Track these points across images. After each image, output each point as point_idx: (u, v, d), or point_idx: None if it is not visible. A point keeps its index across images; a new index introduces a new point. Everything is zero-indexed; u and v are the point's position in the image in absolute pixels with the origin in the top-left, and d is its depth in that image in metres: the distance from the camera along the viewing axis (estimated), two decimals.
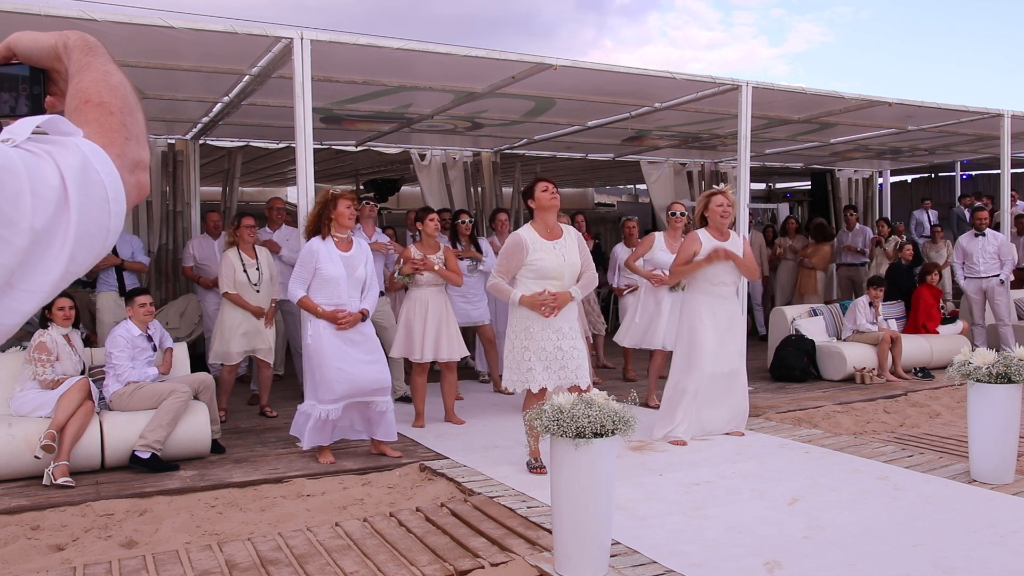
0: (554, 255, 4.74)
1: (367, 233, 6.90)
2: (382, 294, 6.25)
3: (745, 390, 5.72)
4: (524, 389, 4.72)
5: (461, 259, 6.80)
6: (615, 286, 8.35)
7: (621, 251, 8.24)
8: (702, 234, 5.47)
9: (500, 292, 4.79)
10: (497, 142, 10.10)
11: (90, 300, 8.02)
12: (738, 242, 5.57)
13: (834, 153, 11.59)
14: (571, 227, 5.02)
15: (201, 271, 7.51)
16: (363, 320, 5.09)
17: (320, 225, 5.07)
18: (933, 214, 13.44)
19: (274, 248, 7.08)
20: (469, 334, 7.67)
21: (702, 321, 5.44)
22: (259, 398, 6.72)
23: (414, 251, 6.07)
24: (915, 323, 8.66)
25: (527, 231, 4.81)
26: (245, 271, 6.27)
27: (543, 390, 4.63)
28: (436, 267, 5.92)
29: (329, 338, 4.96)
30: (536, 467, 4.73)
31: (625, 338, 7.07)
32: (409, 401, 6.37)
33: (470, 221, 7.37)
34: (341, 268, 5.00)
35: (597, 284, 5.18)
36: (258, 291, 6.30)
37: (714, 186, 6.20)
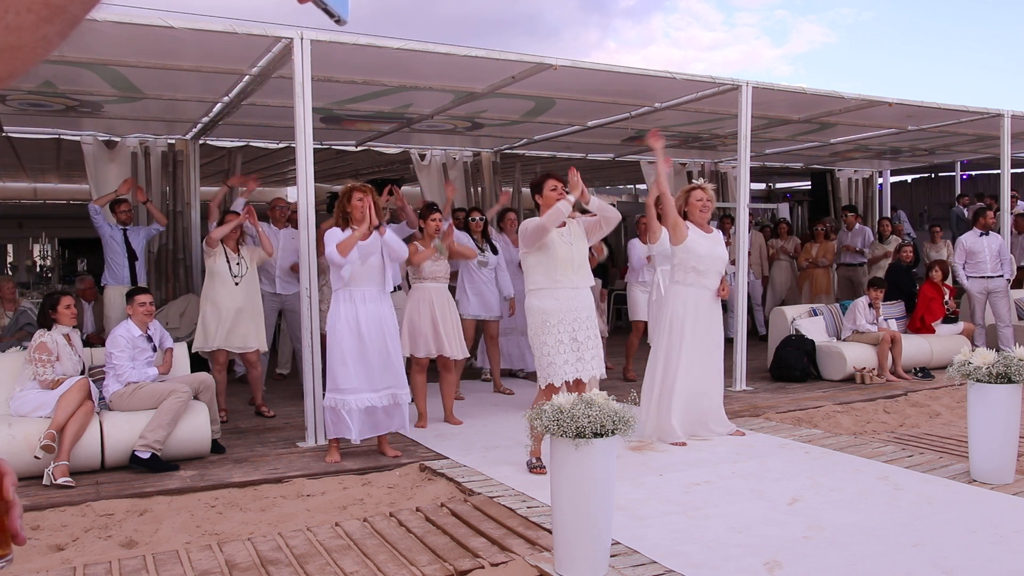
0: (562, 242, 4.79)
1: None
2: (396, 289, 6.23)
3: (720, 399, 5.70)
4: (547, 384, 4.72)
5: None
6: (629, 281, 8.32)
7: (638, 244, 8.19)
8: (689, 226, 5.54)
9: (548, 218, 4.70)
10: (497, 142, 10.10)
11: None
12: (718, 237, 5.65)
13: (834, 153, 11.60)
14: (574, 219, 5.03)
15: None
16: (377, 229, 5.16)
17: (339, 219, 5.18)
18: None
19: (266, 248, 6.80)
20: (474, 331, 7.69)
21: (684, 320, 5.47)
22: (254, 398, 6.71)
23: (419, 247, 6.10)
24: (915, 317, 8.68)
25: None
26: (227, 262, 6.33)
27: (554, 388, 4.63)
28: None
29: (344, 331, 5.00)
30: (536, 467, 4.73)
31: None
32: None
33: (481, 219, 7.40)
34: (355, 254, 5.06)
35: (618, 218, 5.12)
36: (237, 284, 6.33)
37: (692, 181, 6.22)
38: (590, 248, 5.06)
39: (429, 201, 6.66)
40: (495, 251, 7.39)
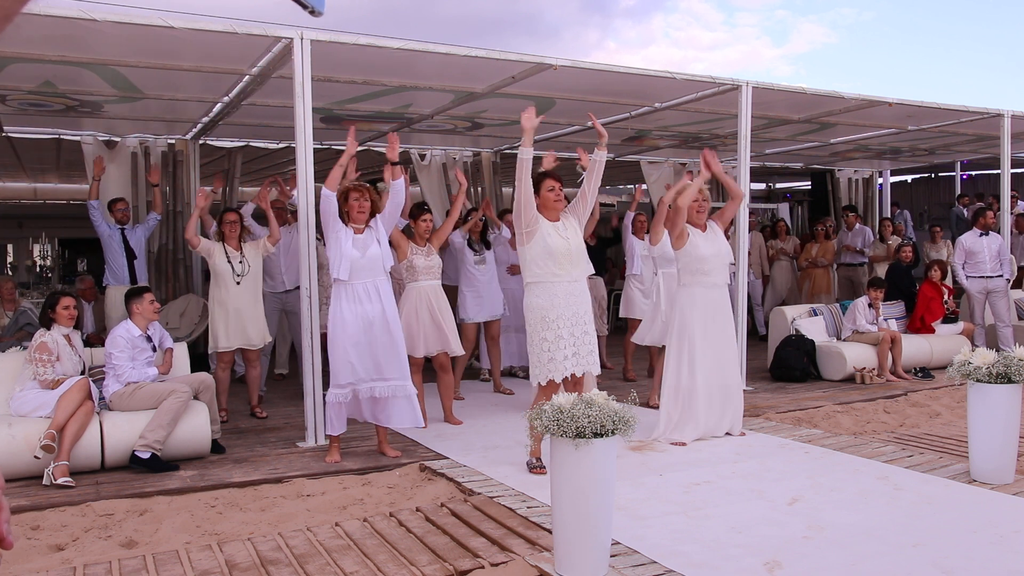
0: (557, 236, 4.82)
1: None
2: None
3: (740, 395, 5.70)
4: (547, 380, 4.72)
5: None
6: (626, 278, 8.34)
7: (635, 241, 8.20)
8: (688, 229, 5.55)
9: (518, 170, 4.80)
10: (497, 142, 10.10)
11: None
12: (716, 230, 5.65)
13: (834, 153, 11.59)
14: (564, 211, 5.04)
15: None
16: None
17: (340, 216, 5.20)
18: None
19: (273, 231, 6.58)
20: (476, 334, 7.69)
21: (694, 320, 5.47)
22: (249, 398, 6.71)
23: (414, 247, 6.10)
24: (915, 317, 8.69)
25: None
26: (229, 262, 6.32)
27: (554, 384, 4.64)
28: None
29: (347, 324, 5.01)
30: (536, 467, 4.73)
31: (646, 338, 6.97)
32: None
33: (480, 220, 7.47)
34: (354, 250, 5.10)
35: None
36: (239, 283, 6.32)
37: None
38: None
39: (419, 201, 6.67)
40: (488, 246, 7.49)
